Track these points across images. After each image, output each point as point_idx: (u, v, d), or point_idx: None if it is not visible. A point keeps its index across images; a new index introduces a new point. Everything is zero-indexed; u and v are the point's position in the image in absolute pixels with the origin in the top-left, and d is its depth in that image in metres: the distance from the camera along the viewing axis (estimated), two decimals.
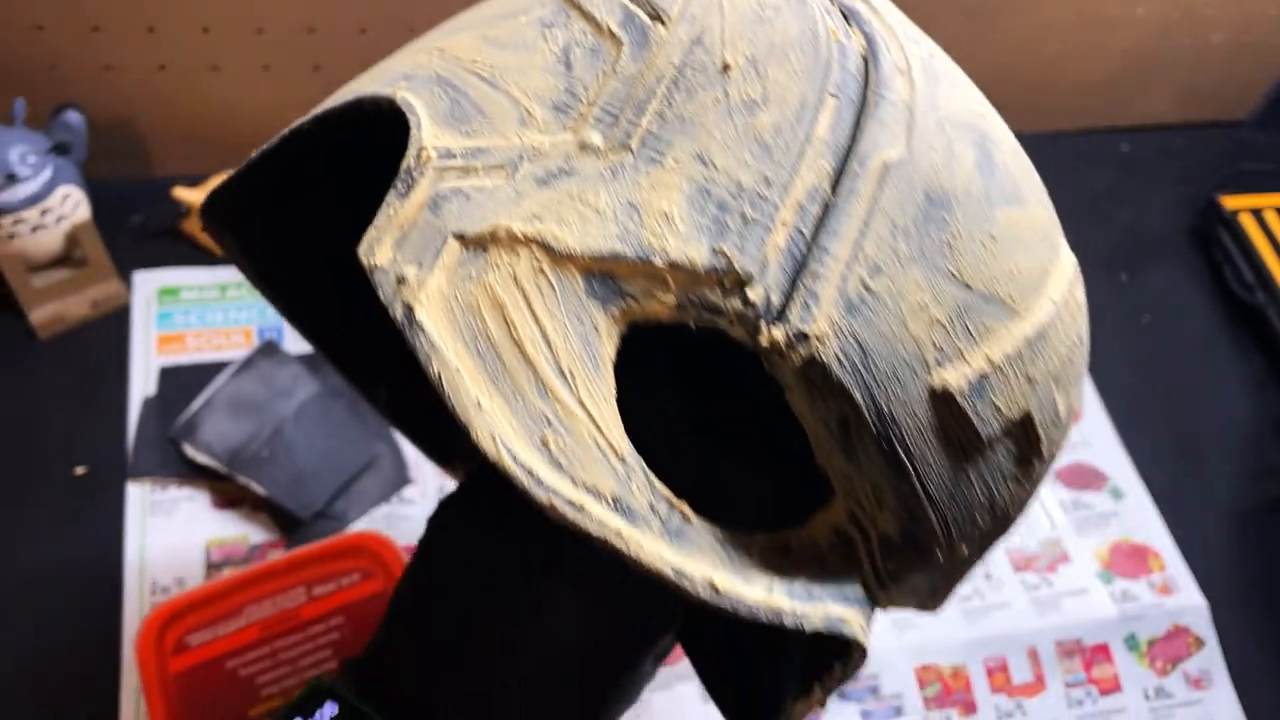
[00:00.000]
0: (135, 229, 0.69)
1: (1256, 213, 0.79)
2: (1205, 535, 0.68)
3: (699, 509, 0.26)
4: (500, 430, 0.24)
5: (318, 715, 0.35)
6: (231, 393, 0.63)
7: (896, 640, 0.61)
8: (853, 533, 0.27)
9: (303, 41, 0.67)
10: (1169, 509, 0.68)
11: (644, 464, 0.25)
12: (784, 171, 0.25)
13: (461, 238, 0.25)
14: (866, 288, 0.25)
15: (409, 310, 0.25)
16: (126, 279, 0.67)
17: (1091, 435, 0.71)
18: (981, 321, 0.26)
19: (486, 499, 0.39)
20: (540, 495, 0.24)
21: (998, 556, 0.65)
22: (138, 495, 0.60)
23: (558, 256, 0.25)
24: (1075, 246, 0.89)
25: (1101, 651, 0.63)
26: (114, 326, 0.66)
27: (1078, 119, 0.87)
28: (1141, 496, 0.69)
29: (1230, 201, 0.80)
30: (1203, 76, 0.85)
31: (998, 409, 0.27)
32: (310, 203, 0.37)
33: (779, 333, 0.25)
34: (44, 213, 0.62)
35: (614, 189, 0.25)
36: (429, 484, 0.63)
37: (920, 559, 0.28)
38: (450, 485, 0.57)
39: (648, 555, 0.24)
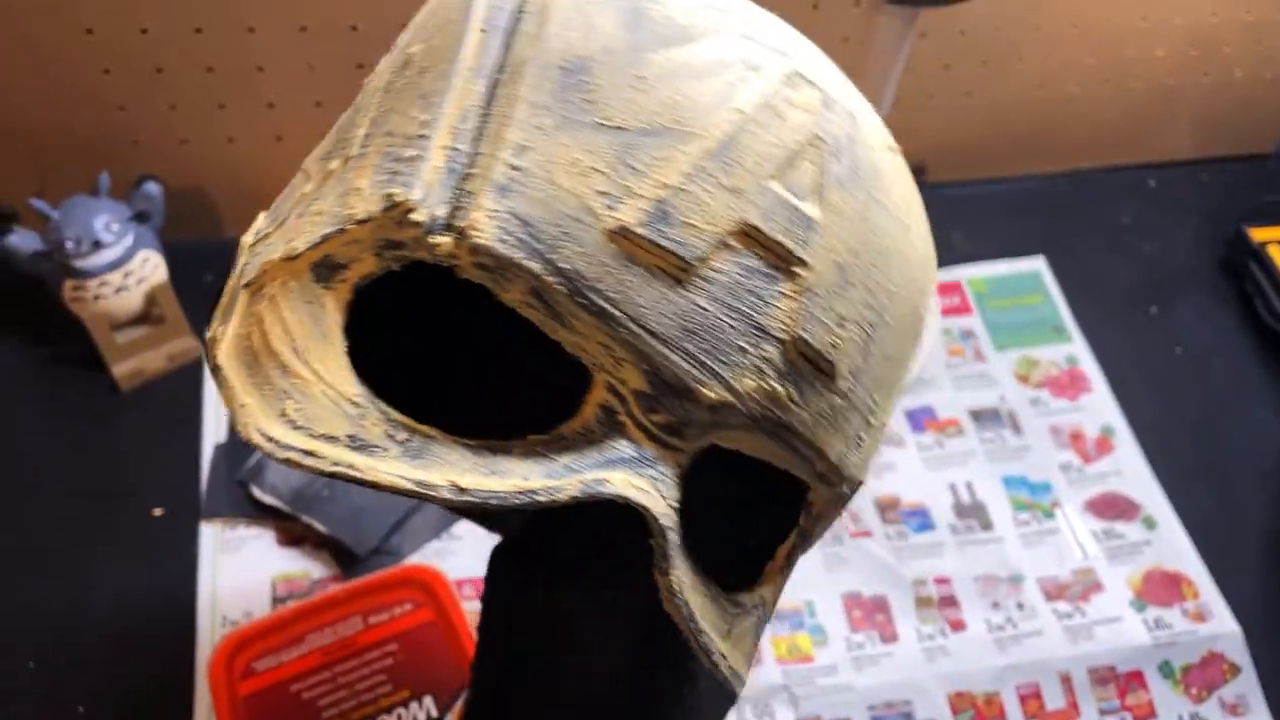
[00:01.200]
0: (208, 288, 0.74)
1: None
2: (1239, 563, 0.68)
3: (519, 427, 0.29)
4: (253, 417, 0.28)
5: None
6: None
7: (929, 668, 0.63)
8: (612, 401, 0.28)
9: None
10: (1202, 537, 0.69)
11: (380, 403, 0.28)
12: (438, 108, 0.28)
13: (247, 286, 0.30)
14: (514, 168, 0.27)
15: (212, 361, 0.29)
16: (200, 334, 0.72)
17: (1124, 465, 0.72)
18: (647, 154, 0.27)
19: (532, 546, 0.41)
20: (279, 454, 0.27)
21: (1029, 585, 0.66)
22: (210, 534, 0.64)
23: (293, 262, 0.29)
24: (1104, 280, 0.90)
25: (1136, 679, 0.64)
26: (189, 378, 0.70)
27: (1102, 156, 0.88)
28: (1174, 525, 0.69)
29: (1257, 233, 0.81)
30: (1225, 112, 0.87)
31: (694, 226, 0.27)
32: None
33: (445, 238, 0.27)
34: (126, 275, 0.68)
35: (335, 190, 0.29)
36: None
37: (687, 401, 0.28)
38: None
39: (384, 476, 0.27)
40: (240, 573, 0.63)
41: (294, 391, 0.28)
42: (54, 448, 0.67)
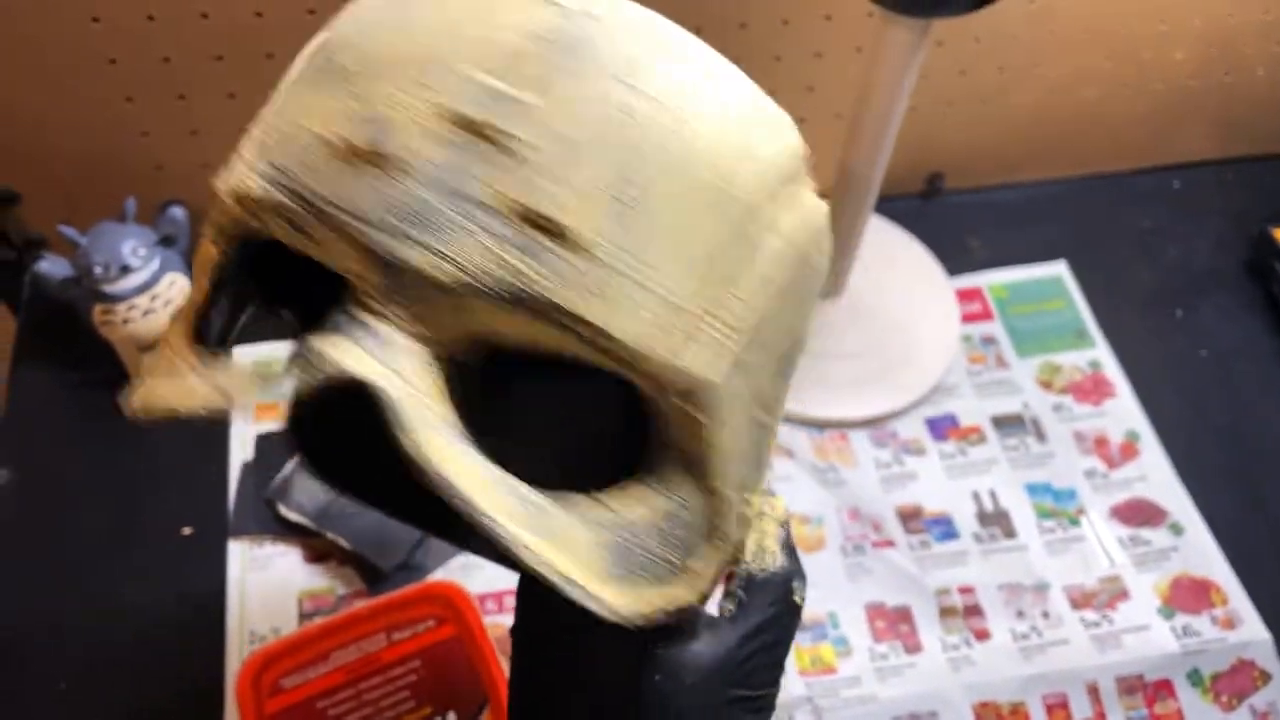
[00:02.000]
0: None
1: None
2: (1268, 568, 0.67)
3: None
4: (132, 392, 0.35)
5: None
6: None
7: (954, 678, 0.63)
8: (361, 298, 0.32)
9: None
10: (1230, 543, 0.68)
11: (201, 349, 0.35)
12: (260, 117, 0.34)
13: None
14: (270, 126, 0.33)
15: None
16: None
17: (1149, 471, 0.72)
18: (368, 84, 0.31)
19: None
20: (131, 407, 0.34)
21: (1054, 593, 0.66)
22: (238, 552, 0.65)
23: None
24: (1128, 284, 0.89)
25: (1164, 687, 0.63)
26: None
27: (1124, 159, 0.88)
28: (1201, 531, 0.69)
29: None
30: (1248, 112, 0.86)
31: (402, 126, 0.31)
32: None
33: (229, 200, 0.32)
34: (153, 299, 0.68)
35: None
36: None
37: (421, 285, 0.31)
38: None
39: (182, 400, 0.34)
40: (267, 589, 0.64)
41: (156, 367, 0.35)
42: (85, 469, 0.69)
